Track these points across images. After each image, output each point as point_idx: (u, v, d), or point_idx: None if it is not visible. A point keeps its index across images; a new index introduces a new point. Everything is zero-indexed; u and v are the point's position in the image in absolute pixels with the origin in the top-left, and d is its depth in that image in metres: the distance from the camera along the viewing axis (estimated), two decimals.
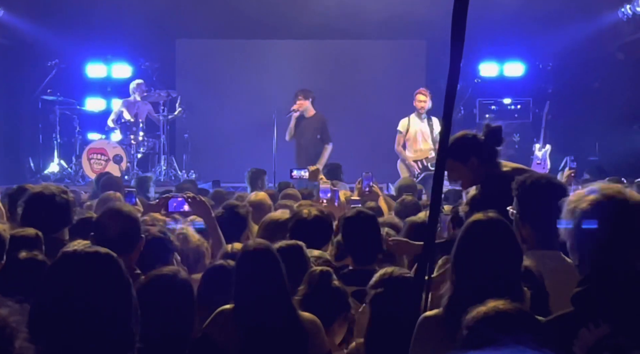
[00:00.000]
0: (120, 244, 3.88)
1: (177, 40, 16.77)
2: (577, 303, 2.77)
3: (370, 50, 16.59)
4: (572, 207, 2.85)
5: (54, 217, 4.84)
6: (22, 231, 4.45)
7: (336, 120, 16.28)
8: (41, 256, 3.98)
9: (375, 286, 3.63)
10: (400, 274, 3.69)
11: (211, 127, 16.10)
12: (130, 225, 4.04)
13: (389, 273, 3.68)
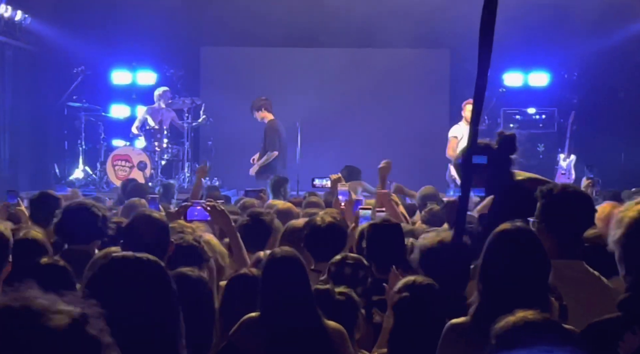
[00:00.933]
0: (150, 250, 3.90)
1: (202, 48, 16.85)
2: (623, 308, 2.80)
3: (394, 58, 16.57)
4: (620, 217, 2.85)
5: (88, 229, 4.88)
6: (28, 234, 4.49)
7: (359, 128, 16.30)
8: (62, 262, 4.01)
9: (399, 292, 3.61)
10: (426, 282, 3.67)
11: (235, 134, 16.13)
12: (160, 231, 4.06)
13: (414, 280, 3.67)
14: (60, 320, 1.38)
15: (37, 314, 1.37)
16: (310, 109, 15.30)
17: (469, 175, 3.82)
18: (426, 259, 4.19)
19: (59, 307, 1.40)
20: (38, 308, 1.38)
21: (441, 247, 4.15)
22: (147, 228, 4.01)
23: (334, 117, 16.15)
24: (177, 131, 14.91)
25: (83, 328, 1.40)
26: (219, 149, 15.76)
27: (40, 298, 1.40)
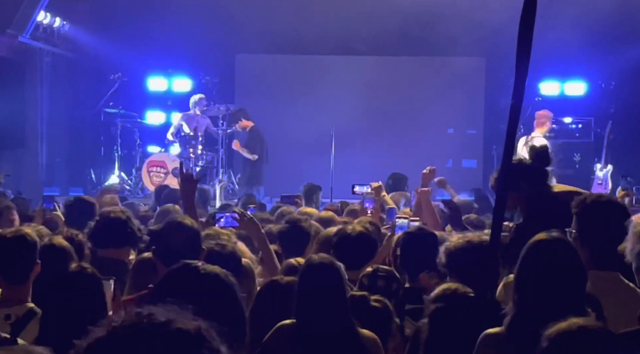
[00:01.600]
0: (181, 256, 3.91)
1: (237, 55, 16.93)
2: None
3: (430, 66, 16.54)
4: (637, 230, 2.81)
5: (121, 236, 4.93)
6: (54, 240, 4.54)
7: (394, 136, 16.27)
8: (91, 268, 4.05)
9: (435, 300, 3.58)
10: (463, 291, 3.63)
11: (269, 141, 16.17)
12: (191, 237, 4.07)
13: (452, 289, 3.63)
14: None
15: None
16: (344, 116, 15.29)
17: (504, 184, 3.79)
18: (452, 260, 4.18)
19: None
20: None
21: (467, 248, 4.12)
22: (178, 235, 4.02)
23: (368, 125, 16.13)
24: (212, 137, 14.97)
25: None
26: None
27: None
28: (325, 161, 14.14)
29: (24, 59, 14.46)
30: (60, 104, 15.43)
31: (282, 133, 16.23)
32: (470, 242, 4.16)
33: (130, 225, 4.99)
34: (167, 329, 1.42)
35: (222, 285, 2.42)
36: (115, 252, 4.81)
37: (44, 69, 14.97)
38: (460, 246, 4.17)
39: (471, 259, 4.00)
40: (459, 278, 3.91)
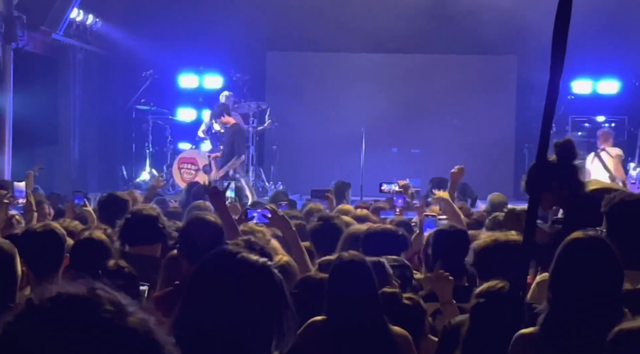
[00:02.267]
0: (205, 252, 3.94)
1: (268, 53, 16.96)
2: None
3: (461, 65, 16.48)
4: None
5: (151, 233, 4.96)
6: (93, 234, 4.58)
7: (424, 134, 16.22)
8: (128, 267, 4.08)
9: (479, 297, 3.56)
10: (505, 288, 3.60)
11: (299, 139, 16.20)
12: (214, 234, 4.08)
13: (497, 286, 3.61)
14: (109, 306, 1.41)
15: (97, 301, 1.41)
16: (375, 114, 15.27)
17: (538, 184, 3.76)
18: (480, 260, 4.17)
19: (120, 299, 1.44)
20: (99, 295, 1.42)
21: (495, 247, 4.11)
22: (201, 231, 4.03)
23: (398, 123, 16.10)
24: None
25: (127, 308, 1.43)
26: (284, 154, 15.83)
27: (103, 289, 1.44)
28: (355, 158, 14.13)
29: (57, 56, 14.59)
30: (93, 101, 15.55)
31: (312, 131, 16.25)
32: (497, 241, 4.15)
33: (161, 222, 5.01)
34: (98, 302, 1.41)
35: (261, 274, 2.42)
36: (146, 249, 4.84)
37: (77, 66, 15.09)
38: (487, 245, 4.16)
39: (498, 259, 3.99)
40: (487, 277, 3.89)
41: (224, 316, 2.31)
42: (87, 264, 3.82)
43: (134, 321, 1.40)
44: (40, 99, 13.39)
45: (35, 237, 4.21)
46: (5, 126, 12.53)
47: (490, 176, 14.98)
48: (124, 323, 1.40)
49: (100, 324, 1.38)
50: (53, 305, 1.40)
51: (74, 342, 1.35)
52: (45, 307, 1.39)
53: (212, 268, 2.46)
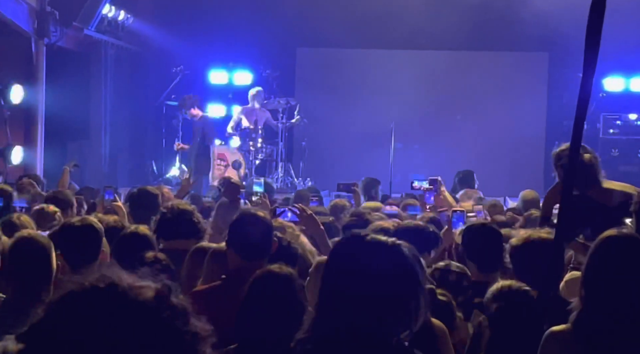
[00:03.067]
0: (255, 247, 3.98)
1: (298, 49, 16.97)
2: None
3: (491, 61, 16.40)
4: None
5: (185, 231, 5.01)
6: (135, 229, 4.63)
7: (454, 130, 16.16)
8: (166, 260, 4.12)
9: (493, 300, 3.57)
10: (519, 287, 3.61)
11: (329, 135, 16.21)
12: (265, 230, 4.11)
13: (507, 287, 3.61)
14: (146, 293, 1.42)
15: (123, 290, 1.42)
16: (404, 110, 15.25)
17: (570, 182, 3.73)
18: (514, 257, 4.17)
19: (141, 282, 1.45)
20: (123, 284, 1.43)
21: (528, 245, 4.11)
22: (253, 227, 4.07)
23: (428, 119, 16.07)
24: (271, 130, 15.04)
25: (168, 298, 1.44)
26: (313, 150, 15.84)
27: (123, 276, 1.44)
28: (384, 155, 14.11)
29: (89, 51, 14.71)
30: (124, 97, 15.66)
31: (341, 127, 16.25)
32: (530, 239, 4.14)
33: (195, 217, 5.07)
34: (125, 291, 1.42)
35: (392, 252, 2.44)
36: (181, 243, 4.89)
37: (108, 61, 15.20)
38: (520, 243, 4.16)
39: (533, 257, 3.99)
40: (522, 274, 3.89)
41: (364, 297, 2.33)
42: (130, 258, 3.88)
43: (147, 294, 1.42)
44: (72, 94, 13.50)
45: (73, 230, 4.27)
46: (38, 121, 12.65)
47: (520, 173, 14.92)
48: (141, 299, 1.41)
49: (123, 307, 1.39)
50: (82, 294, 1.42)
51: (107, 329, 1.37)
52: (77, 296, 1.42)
53: (345, 254, 2.49)
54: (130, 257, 3.97)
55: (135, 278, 1.46)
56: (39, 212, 6.07)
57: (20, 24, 11.97)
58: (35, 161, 12.41)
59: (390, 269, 2.40)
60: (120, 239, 4.53)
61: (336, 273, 2.45)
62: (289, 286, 3.33)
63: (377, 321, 2.35)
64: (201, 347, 1.43)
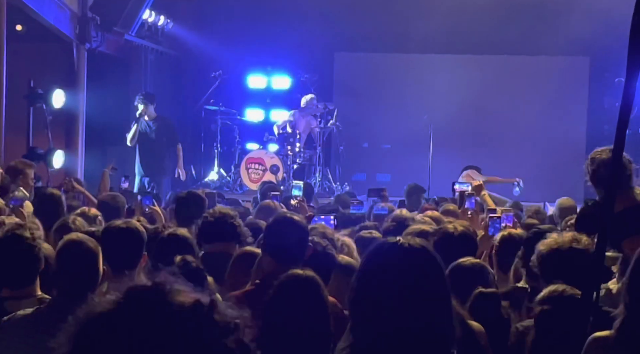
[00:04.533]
0: (290, 251, 3.99)
1: (336, 53, 16.98)
2: None
3: (531, 66, 16.28)
4: None
5: (226, 234, 5.07)
6: (178, 231, 4.67)
7: (493, 135, 16.07)
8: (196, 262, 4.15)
9: (542, 302, 3.53)
10: (571, 293, 3.56)
11: (366, 139, 16.20)
12: (301, 234, 4.13)
13: (560, 291, 3.56)
14: (187, 299, 1.44)
15: (169, 297, 1.44)
16: (443, 115, 15.18)
17: (613, 187, 3.68)
18: (544, 265, 4.13)
19: (183, 288, 1.47)
20: (169, 290, 1.45)
21: (558, 253, 4.07)
22: (289, 230, 4.08)
23: (466, 123, 15.98)
24: (309, 135, 15.08)
25: (210, 304, 1.45)
26: (350, 155, 15.83)
27: (167, 281, 1.47)
28: (423, 159, 14.06)
29: (129, 56, 14.84)
30: (163, 101, 15.75)
31: (379, 131, 16.23)
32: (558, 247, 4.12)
33: (237, 221, 5.14)
34: (167, 293, 1.43)
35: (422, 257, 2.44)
36: (222, 246, 4.93)
37: (148, 66, 15.32)
38: (549, 251, 4.13)
39: (563, 264, 3.96)
40: (551, 280, 3.85)
41: (395, 302, 2.33)
42: (169, 260, 3.91)
43: (188, 300, 1.43)
44: (112, 99, 13.62)
45: (117, 234, 4.30)
46: (79, 126, 12.79)
47: (560, 178, 14.77)
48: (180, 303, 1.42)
49: (172, 317, 1.41)
50: (127, 299, 1.43)
51: (149, 336, 1.38)
52: (122, 302, 1.43)
53: (376, 259, 2.49)
54: (168, 260, 3.99)
55: (176, 282, 1.47)
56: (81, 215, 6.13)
57: (62, 30, 12.12)
58: (76, 165, 12.54)
59: (420, 272, 2.40)
60: (160, 241, 4.56)
61: (369, 279, 2.44)
62: (312, 290, 3.33)
63: (412, 325, 2.34)
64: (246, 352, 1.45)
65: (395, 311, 2.35)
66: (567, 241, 4.17)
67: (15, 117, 10.71)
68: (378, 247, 2.59)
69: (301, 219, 4.28)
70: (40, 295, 4.06)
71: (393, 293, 2.37)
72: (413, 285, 2.39)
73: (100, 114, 13.00)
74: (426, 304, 2.36)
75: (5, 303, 3.97)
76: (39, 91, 10.74)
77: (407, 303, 2.36)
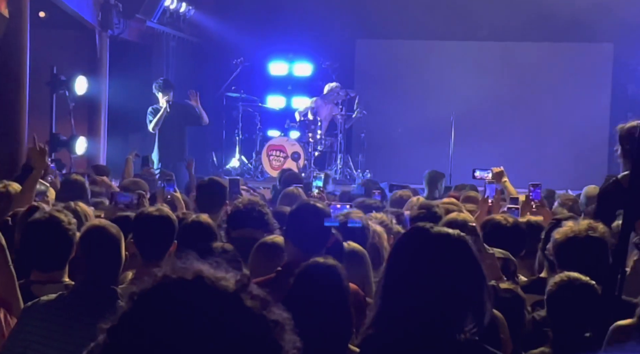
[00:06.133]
0: (314, 239, 3.99)
1: (357, 41, 16.93)
2: None
3: (553, 53, 16.15)
4: None
5: (254, 221, 5.11)
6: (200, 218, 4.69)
7: (514, 122, 15.98)
8: (233, 251, 4.17)
9: (552, 290, 3.51)
10: (581, 280, 3.55)
11: (388, 127, 16.15)
12: (324, 222, 4.12)
13: (568, 278, 3.55)
14: (228, 283, 1.45)
15: (209, 281, 1.44)
16: (464, 103, 15.11)
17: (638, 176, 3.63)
18: (560, 254, 4.13)
19: (221, 273, 1.48)
20: (208, 276, 1.45)
21: (575, 241, 4.05)
22: (311, 218, 4.07)
23: (488, 111, 15.90)
24: (331, 122, 15.06)
25: (248, 288, 1.47)
26: (372, 142, 15.80)
27: (204, 267, 1.47)
28: (444, 147, 14.02)
29: (151, 43, 14.87)
30: (184, 88, 15.76)
31: (400, 119, 16.18)
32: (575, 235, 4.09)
33: (266, 210, 5.21)
34: (211, 282, 1.44)
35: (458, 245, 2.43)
36: (249, 232, 4.96)
37: (170, 53, 15.34)
38: (565, 239, 4.11)
39: (579, 253, 3.94)
40: (567, 268, 3.85)
41: (427, 290, 2.33)
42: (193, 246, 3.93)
43: (229, 284, 1.44)
44: (134, 85, 13.66)
45: (149, 221, 4.32)
46: (101, 112, 12.85)
47: (583, 165, 14.68)
48: (223, 288, 1.43)
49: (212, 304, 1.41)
50: (171, 286, 1.44)
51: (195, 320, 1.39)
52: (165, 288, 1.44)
53: (409, 246, 2.48)
54: (192, 246, 4.01)
55: (212, 269, 1.48)
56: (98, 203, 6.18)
57: (85, 16, 12.16)
58: (98, 151, 12.60)
59: (454, 261, 2.38)
60: (183, 228, 4.58)
61: (400, 266, 2.43)
62: (333, 278, 3.32)
63: (441, 315, 2.33)
64: (283, 334, 1.45)
65: (424, 299, 2.34)
66: (583, 229, 4.15)
67: (38, 104, 10.77)
68: (409, 234, 2.58)
69: (324, 207, 4.27)
70: (67, 281, 4.09)
71: (422, 280, 2.36)
72: (438, 273, 2.37)
73: (122, 100, 13.04)
74: (448, 294, 2.35)
75: (32, 287, 4.00)
76: (62, 77, 10.78)
77: (428, 291, 2.35)
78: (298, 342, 1.48)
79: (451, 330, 2.35)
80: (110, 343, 1.41)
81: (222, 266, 1.49)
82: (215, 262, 1.49)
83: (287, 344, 1.46)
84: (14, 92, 9.88)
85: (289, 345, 1.46)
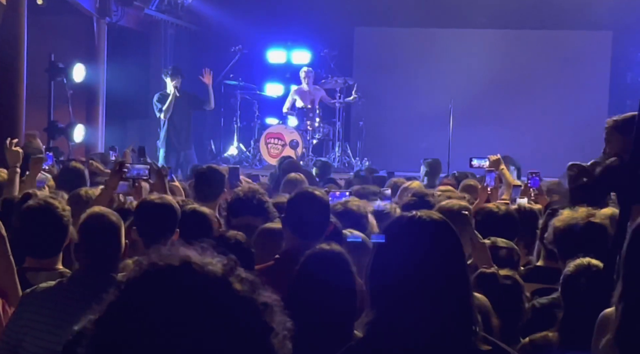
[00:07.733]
0: (312, 226, 3.98)
1: (356, 28, 16.89)
2: None
3: (552, 40, 16.13)
4: None
5: (254, 209, 5.11)
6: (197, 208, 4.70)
7: (513, 110, 15.97)
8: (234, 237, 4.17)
9: (569, 276, 3.50)
10: (597, 267, 3.53)
11: (386, 115, 16.14)
12: (321, 209, 4.11)
13: (586, 264, 3.54)
14: (216, 268, 1.43)
15: (197, 267, 1.43)
16: (463, 90, 15.09)
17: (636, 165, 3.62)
18: (560, 242, 4.14)
19: (208, 259, 1.46)
20: (196, 261, 1.44)
21: (575, 229, 4.05)
22: (311, 205, 4.06)
23: (486, 99, 15.88)
24: (329, 110, 15.03)
25: (236, 272, 1.45)
26: (370, 130, 15.79)
27: (191, 253, 1.46)
28: (443, 134, 14.00)
29: (149, 30, 14.84)
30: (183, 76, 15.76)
31: (399, 107, 16.16)
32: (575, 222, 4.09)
33: (266, 198, 5.20)
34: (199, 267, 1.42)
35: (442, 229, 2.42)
36: (250, 219, 4.96)
37: (168, 40, 15.32)
38: (565, 226, 4.11)
39: (579, 240, 3.94)
40: (568, 257, 3.84)
41: (412, 278, 2.31)
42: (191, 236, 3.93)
43: (217, 268, 1.43)
44: (132, 73, 13.64)
45: (152, 209, 4.32)
46: (99, 100, 12.83)
47: (581, 153, 14.66)
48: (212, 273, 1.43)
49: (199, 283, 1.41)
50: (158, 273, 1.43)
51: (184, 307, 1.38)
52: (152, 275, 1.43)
53: (391, 234, 2.45)
54: (190, 235, 4.00)
55: (199, 254, 1.47)
56: None
57: (82, 4, 12.13)
58: (97, 139, 12.59)
59: (436, 246, 2.37)
60: (181, 217, 4.57)
61: (384, 255, 2.41)
62: (340, 265, 3.31)
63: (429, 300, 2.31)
64: (274, 316, 1.45)
65: (411, 285, 2.32)
66: (583, 216, 4.14)
67: (36, 92, 10.76)
68: (395, 222, 2.56)
69: (323, 195, 4.26)
70: (61, 269, 4.08)
71: (409, 266, 2.34)
72: (430, 258, 2.35)
73: (120, 88, 13.02)
74: (443, 279, 2.33)
75: (27, 274, 4.00)
76: (60, 65, 10.77)
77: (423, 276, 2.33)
78: (289, 323, 1.47)
79: (437, 311, 2.32)
80: (98, 334, 1.40)
81: (208, 251, 1.48)
82: (201, 248, 1.48)
83: (278, 326, 1.45)
84: (12, 80, 9.87)
85: (279, 327, 1.45)
